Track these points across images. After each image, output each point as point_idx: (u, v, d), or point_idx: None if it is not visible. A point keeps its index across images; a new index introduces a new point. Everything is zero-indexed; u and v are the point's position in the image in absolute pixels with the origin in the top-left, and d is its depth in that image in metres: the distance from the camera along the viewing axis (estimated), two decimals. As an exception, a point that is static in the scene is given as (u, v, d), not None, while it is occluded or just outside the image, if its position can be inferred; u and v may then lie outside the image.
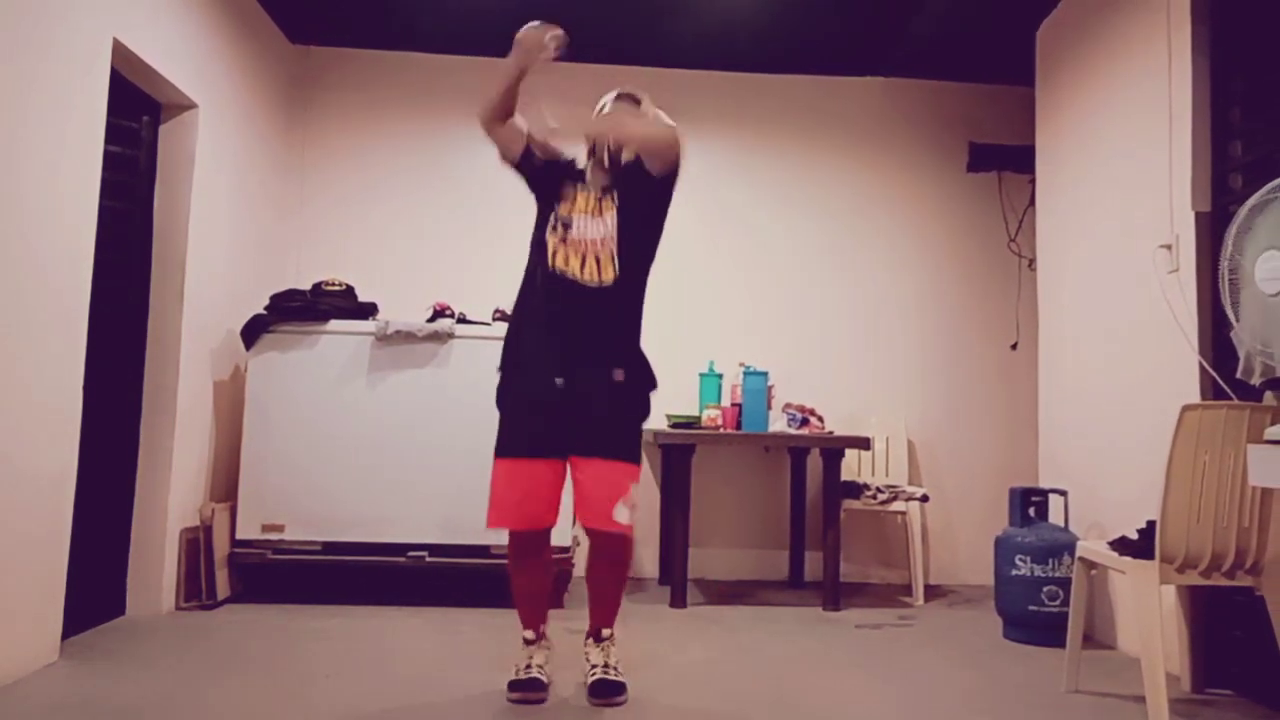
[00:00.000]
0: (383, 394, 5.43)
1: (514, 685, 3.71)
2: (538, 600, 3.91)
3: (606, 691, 3.69)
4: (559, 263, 3.79)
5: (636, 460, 3.81)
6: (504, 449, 3.79)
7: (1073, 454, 5.36)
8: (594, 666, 3.79)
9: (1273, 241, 3.15)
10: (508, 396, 3.90)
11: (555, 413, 3.75)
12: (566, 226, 3.83)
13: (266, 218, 6.25)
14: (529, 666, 3.78)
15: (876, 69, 6.94)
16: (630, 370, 3.88)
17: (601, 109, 4.03)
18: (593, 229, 3.82)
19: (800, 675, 4.21)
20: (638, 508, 3.76)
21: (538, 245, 3.89)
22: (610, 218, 3.84)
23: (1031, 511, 5.09)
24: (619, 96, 4.03)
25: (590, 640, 3.89)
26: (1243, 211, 3.27)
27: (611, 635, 3.89)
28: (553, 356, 3.79)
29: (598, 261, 3.79)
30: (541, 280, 3.83)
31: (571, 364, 3.78)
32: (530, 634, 3.87)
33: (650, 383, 3.96)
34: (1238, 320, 3.30)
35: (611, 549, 3.79)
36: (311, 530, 5.32)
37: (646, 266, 3.98)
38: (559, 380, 3.75)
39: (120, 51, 4.44)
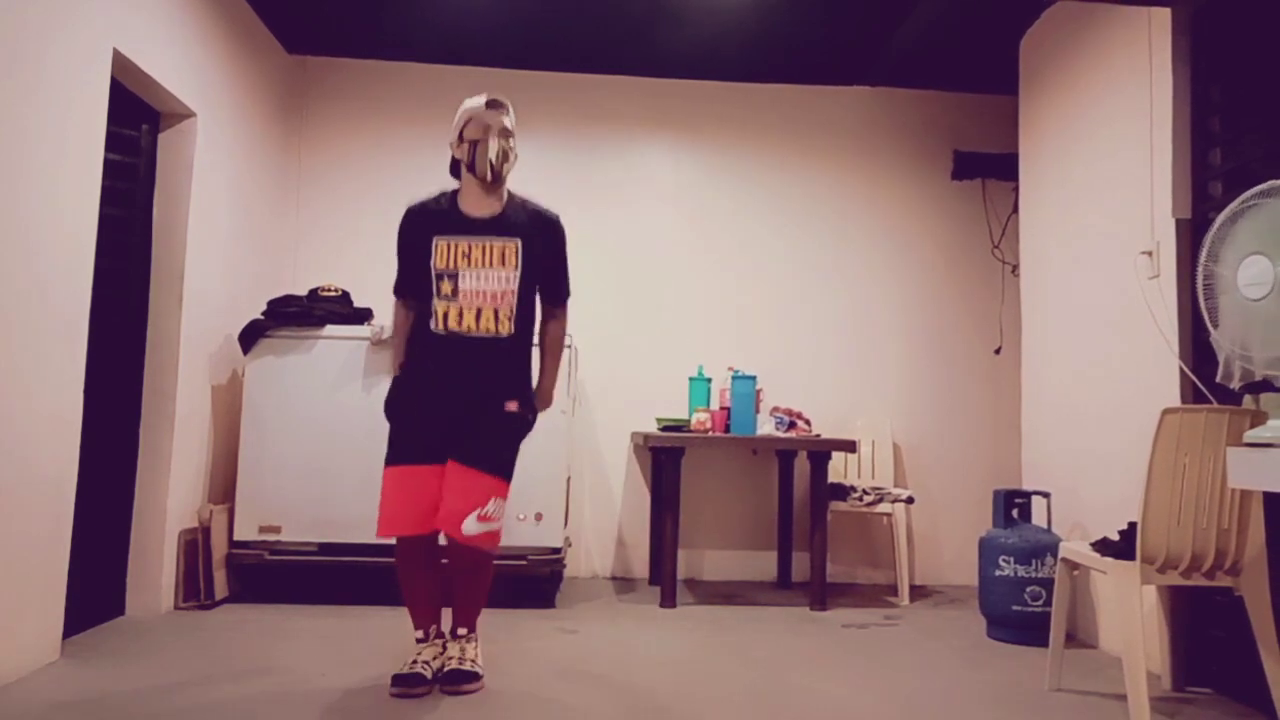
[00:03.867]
0: (377, 397, 5.37)
1: (395, 679, 3.77)
2: (427, 603, 3.97)
3: (456, 679, 3.78)
4: (451, 323, 3.80)
5: (504, 475, 3.82)
6: (392, 457, 3.84)
7: (1055, 457, 5.41)
8: (450, 658, 3.87)
9: (1258, 246, 3.19)
10: (397, 405, 3.93)
11: (440, 420, 3.81)
12: (454, 279, 3.81)
13: (264, 224, 6.28)
14: (414, 662, 3.85)
15: (863, 78, 7.00)
16: (523, 402, 3.93)
17: (469, 117, 3.85)
18: (488, 280, 3.82)
19: (788, 674, 4.24)
20: (493, 520, 3.74)
21: (421, 306, 3.90)
22: (511, 274, 3.83)
23: (1015, 513, 5.13)
24: (489, 104, 3.85)
25: (449, 636, 3.97)
26: (1219, 220, 3.31)
27: (469, 635, 3.95)
28: (445, 389, 3.83)
29: (496, 316, 3.81)
30: (430, 339, 3.84)
31: (466, 395, 3.83)
32: (420, 634, 3.97)
33: (530, 422, 4.00)
34: (1216, 326, 3.35)
35: (464, 557, 3.80)
36: (308, 531, 5.36)
37: (534, 311, 4.00)
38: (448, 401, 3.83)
39: (120, 61, 4.49)
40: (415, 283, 3.95)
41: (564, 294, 4.13)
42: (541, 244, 3.93)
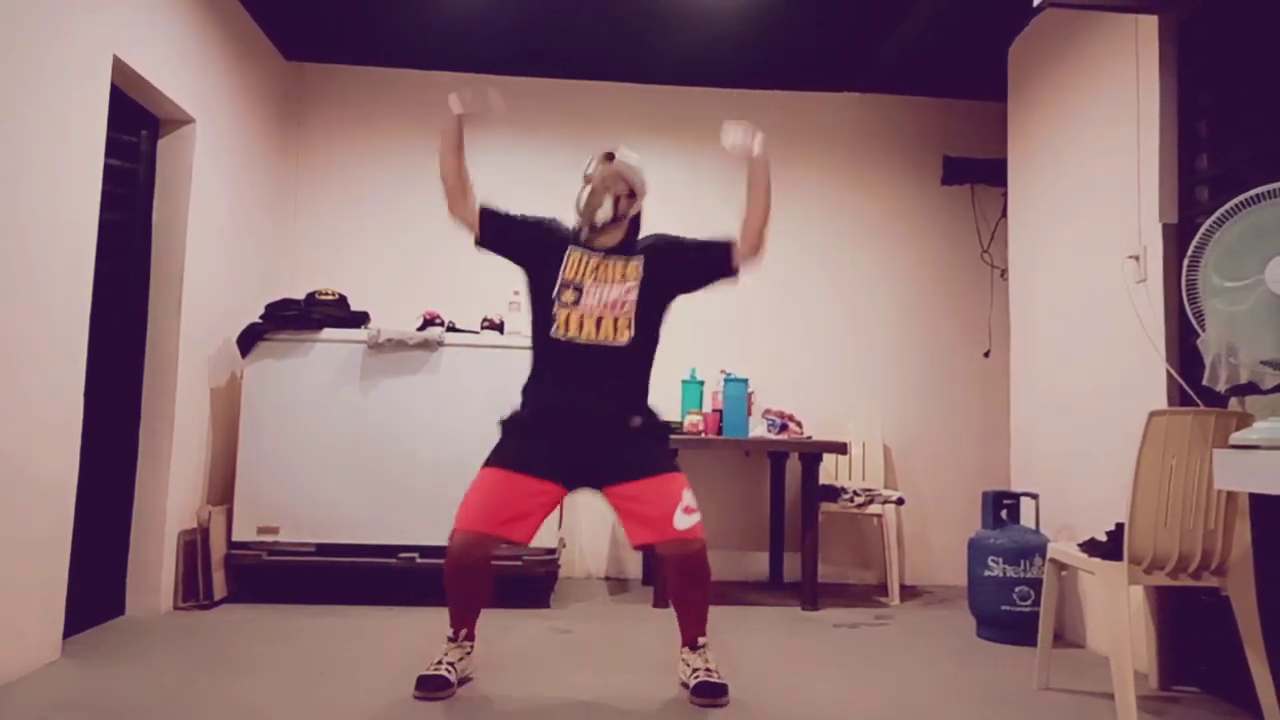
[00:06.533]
0: (374, 400, 5.51)
1: (420, 681, 3.77)
2: (472, 602, 3.97)
3: (710, 691, 3.76)
4: (571, 330, 3.84)
5: (676, 468, 3.86)
6: (497, 460, 3.85)
7: (1044, 458, 5.46)
8: (694, 670, 3.86)
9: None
10: (517, 423, 3.95)
11: (568, 445, 3.82)
12: (578, 291, 3.87)
13: (262, 228, 6.30)
14: (439, 663, 3.83)
15: (854, 85, 7.05)
16: (646, 417, 3.94)
17: (590, 170, 4.05)
18: (611, 294, 3.87)
19: (779, 673, 4.28)
20: (696, 510, 3.75)
21: (542, 312, 3.93)
22: (631, 285, 3.89)
23: (1004, 514, 5.18)
24: (604, 156, 4.05)
25: (686, 649, 3.96)
26: (1206, 225, 3.35)
27: (706, 643, 3.96)
28: (568, 409, 3.85)
29: (615, 324, 3.85)
30: (550, 346, 3.89)
31: (588, 415, 3.83)
32: (452, 632, 3.95)
33: (666, 426, 4.05)
34: (1203, 329, 3.38)
35: (686, 561, 3.76)
36: (306, 532, 5.40)
37: (657, 334, 4.02)
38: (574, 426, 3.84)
39: (120, 68, 4.52)
40: (495, 227, 4.07)
41: (732, 248, 4.01)
42: (664, 253, 4.01)
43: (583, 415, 3.84)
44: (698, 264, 4.04)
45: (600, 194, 3.94)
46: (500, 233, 4.07)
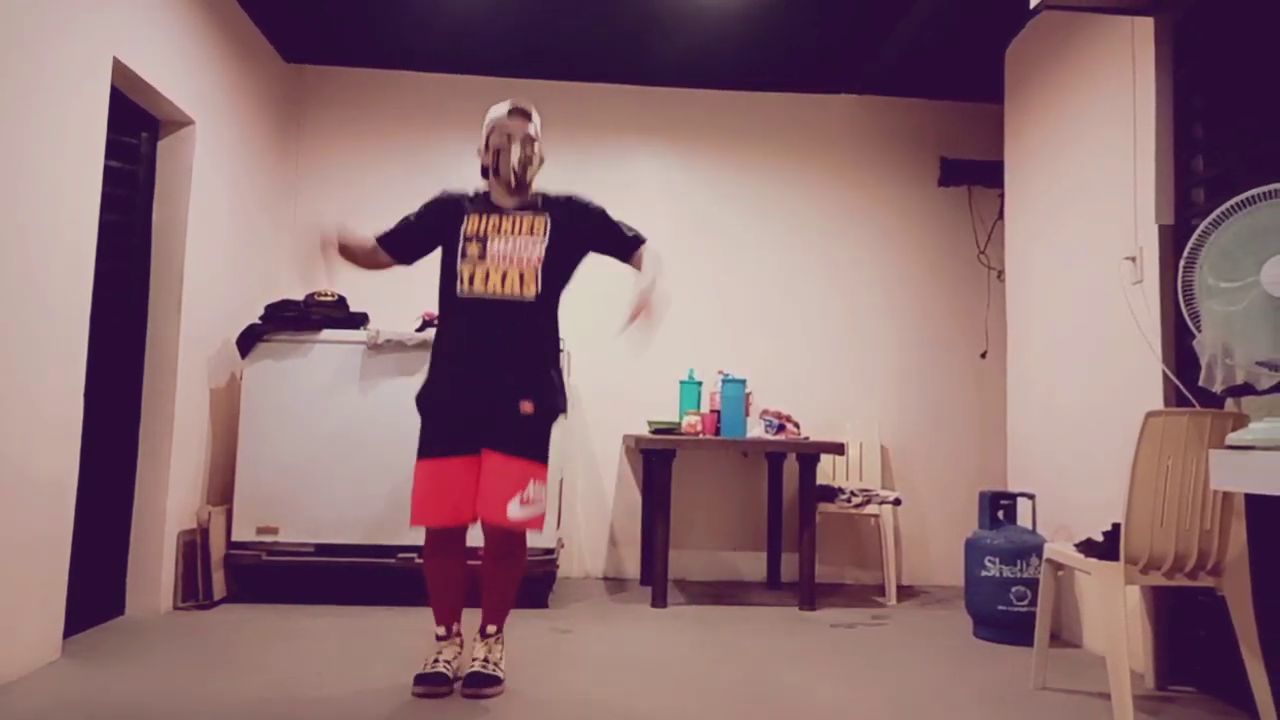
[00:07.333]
0: (373, 400, 5.53)
1: (419, 679, 3.81)
2: (452, 598, 4.01)
3: (478, 681, 3.79)
4: (477, 285, 3.84)
5: (540, 459, 3.86)
6: (423, 450, 3.89)
7: (1040, 459, 5.47)
8: (473, 659, 3.90)
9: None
10: (428, 399, 3.97)
11: (469, 412, 3.84)
12: (482, 242, 3.87)
13: (261, 230, 6.31)
14: (436, 661, 3.87)
15: (852, 86, 7.06)
16: (540, 400, 3.89)
17: (493, 125, 4.00)
18: (517, 246, 3.87)
19: (777, 673, 4.29)
20: (535, 504, 3.79)
21: (448, 272, 3.94)
22: (540, 240, 3.89)
23: (1001, 514, 5.19)
24: (511, 112, 4.00)
25: (477, 635, 3.98)
26: (1202, 226, 3.35)
27: (498, 634, 3.98)
28: (468, 374, 3.87)
29: (520, 278, 3.85)
30: (456, 305, 3.90)
31: (485, 386, 3.84)
32: (442, 630, 3.99)
33: (558, 409, 3.99)
34: (1199, 330, 3.39)
35: (502, 544, 3.85)
36: (305, 533, 5.41)
37: (563, 288, 4.03)
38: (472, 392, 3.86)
39: (120, 70, 4.53)
40: (404, 243, 4.10)
41: (634, 238, 4.10)
42: (572, 217, 4.01)
43: (484, 384, 3.84)
44: (599, 239, 4.07)
45: (529, 150, 3.95)
46: (410, 241, 4.11)
